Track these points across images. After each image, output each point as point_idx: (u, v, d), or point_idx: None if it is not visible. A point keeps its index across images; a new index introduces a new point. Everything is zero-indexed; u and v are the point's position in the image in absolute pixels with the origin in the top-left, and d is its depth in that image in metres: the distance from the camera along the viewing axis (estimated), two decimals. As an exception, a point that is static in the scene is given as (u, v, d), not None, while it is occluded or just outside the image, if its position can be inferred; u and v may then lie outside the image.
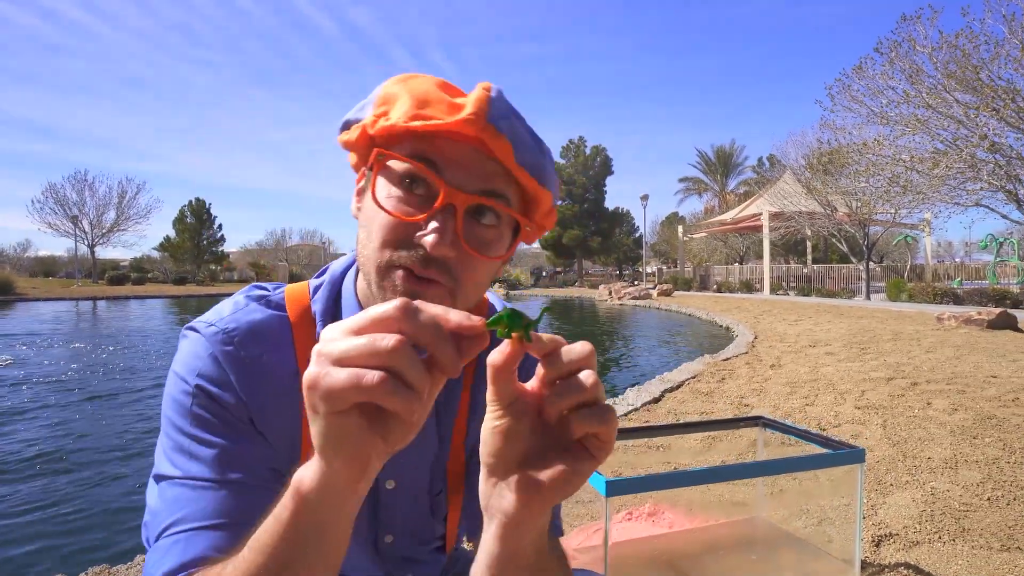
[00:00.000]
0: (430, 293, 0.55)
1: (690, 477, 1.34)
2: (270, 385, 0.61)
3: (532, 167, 0.57)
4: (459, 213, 0.54)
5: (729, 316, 12.69)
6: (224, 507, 0.55)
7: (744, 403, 4.45)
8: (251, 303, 0.65)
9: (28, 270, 48.68)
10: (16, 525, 2.93)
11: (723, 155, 43.18)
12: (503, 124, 0.54)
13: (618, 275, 45.25)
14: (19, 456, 4.03)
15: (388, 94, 0.57)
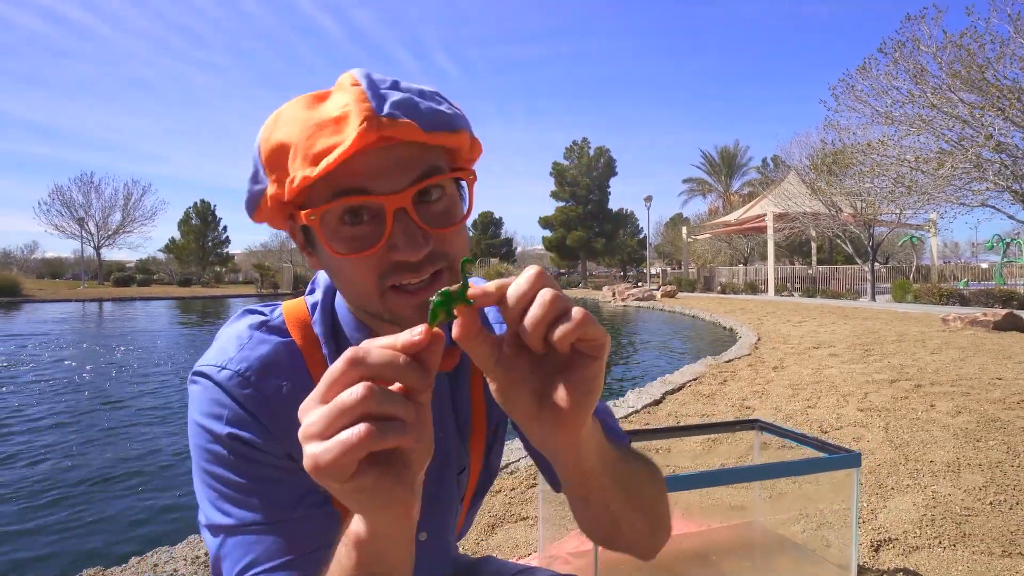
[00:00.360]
0: (434, 288, 0.55)
1: (683, 482, 1.33)
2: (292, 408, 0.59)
3: (440, 124, 0.55)
4: (410, 210, 0.54)
5: (733, 317, 12.65)
6: (287, 545, 0.58)
7: (746, 405, 4.43)
8: (254, 334, 0.63)
9: (35, 271, 49.01)
10: (12, 526, 2.94)
11: (727, 156, 43.07)
12: (392, 107, 0.52)
13: (622, 276, 45.20)
14: (18, 457, 4.04)
15: (272, 152, 0.55)
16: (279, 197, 0.55)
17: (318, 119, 0.52)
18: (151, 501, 3.31)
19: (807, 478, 2.40)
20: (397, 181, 0.53)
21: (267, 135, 0.55)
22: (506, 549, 2.14)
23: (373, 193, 0.53)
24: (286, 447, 0.60)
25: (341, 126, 0.51)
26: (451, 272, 0.58)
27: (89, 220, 39.35)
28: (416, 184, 0.54)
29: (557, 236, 43.03)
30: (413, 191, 0.54)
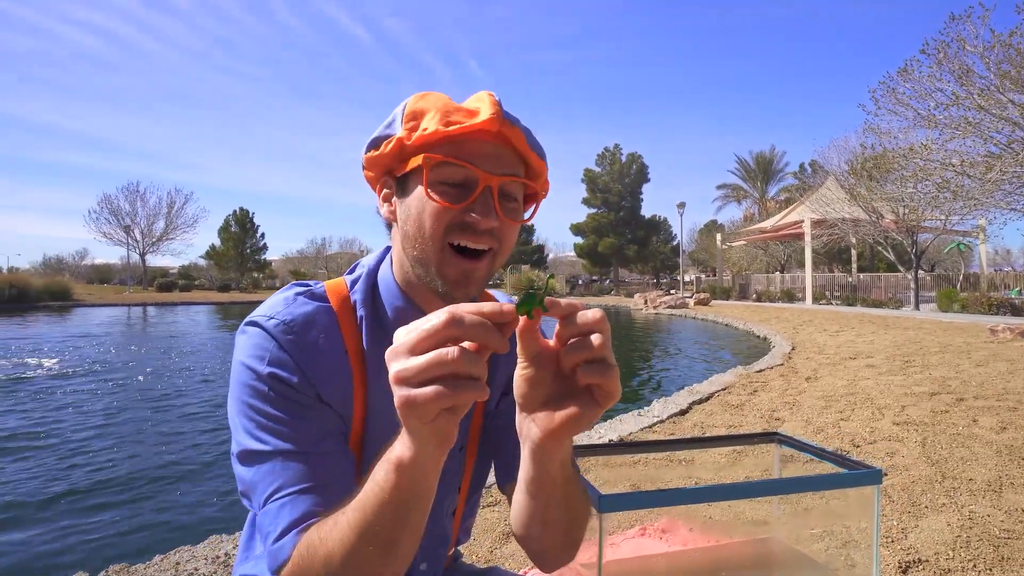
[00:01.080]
0: (482, 264, 0.70)
1: (691, 495, 1.29)
2: (327, 364, 0.71)
3: (538, 148, 0.72)
4: (495, 193, 0.67)
5: (767, 326, 12.36)
6: (313, 473, 0.66)
7: (775, 417, 4.31)
8: (299, 298, 0.74)
9: (85, 277, 51.13)
10: (43, 519, 3.05)
11: (763, 161, 42.18)
12: (513, 118, 0.68)
13: (655, 284, 44.65)
14: (60, 454, 4.20)
15: (415, 110, 0.69)
16: (404, 140, 0.68)
17: (456, 107, 0.68)
18: (177, 501, 3.40)
19: (835, 494, 2.31)
20: (495, 168, 0.68)
21: (414, 100, 0.70)
22: (519, 558, 2.12)
23: (478, 167, 0.67)
24: (316, 389, 0.69)
25: (474, 114, 0.67)
26: (492, 258, 0.71)
27: (135, 227, 40.89)
28: (508, 175, 0.69)
29: (589, 243, 42.80)
30: (505, 179, 0.68)
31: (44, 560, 2.66)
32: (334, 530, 0.59)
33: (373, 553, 0.57)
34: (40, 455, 4.21)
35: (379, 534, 0.56)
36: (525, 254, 51.78)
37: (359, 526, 0.56)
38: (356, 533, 0.57)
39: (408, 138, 0.68)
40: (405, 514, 0.56)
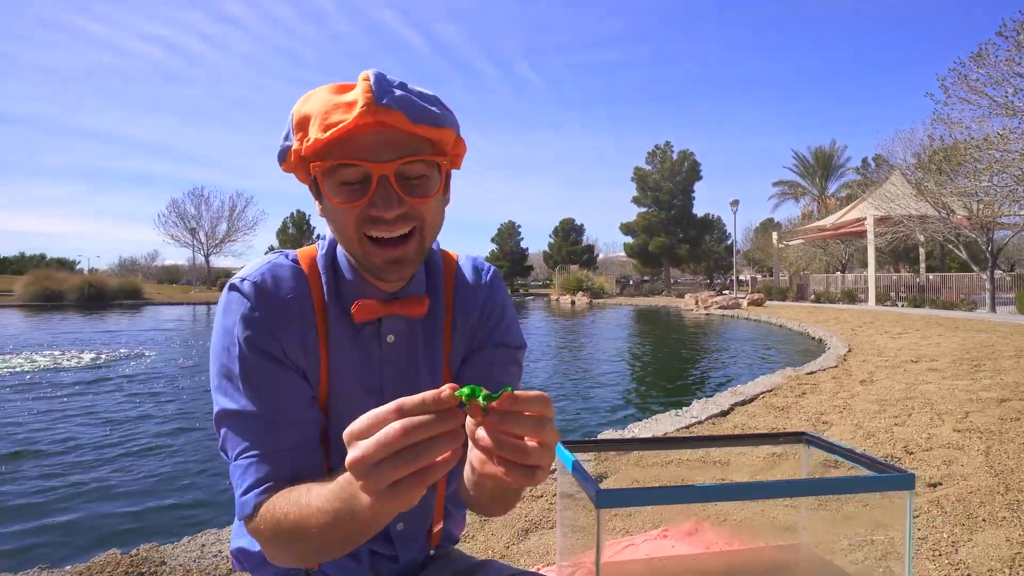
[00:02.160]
0: (408, 246, 0.72)
1: (693, 493, 1.22)
2: (293, 316, 0.75)
3: (427, 119, 0.69)
4: (391, 179, 0.69)
5: (823, 328, 11.82)
6: (278, 438, 0.72)
7: (823, 420, 4.10)
8: (276, 258, 0.80)
9: (156, 277, 54.09)
10: (81, 500, 3.21)
11: (822, 156, 40.34)
12: (389, 100, 0.67)
13: (708, 284, 43.53)
14: (93, 436, 4.43)
15: (300, 119, 0.70)
16: (299, 152, 0.71)
17: (335, 101, 0.68)
18: (210, 486, 3.52)
19: (867, 500, 2.17)
20: (385, 155, 0.69)
21: (299, 106, 0.71)
22: (536, 555, 2.08)
23: (366, 161, 0.68)
24: (283, 349, 0.74)
25: (351, 108, 0.67)
26: (420, 234, 0.73)
27: (200, 230, 42.94)
28: (398, 159, 0.69)
29: (639, 242, 42.13)
30: (395, 164, 0.69)
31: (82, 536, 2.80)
32: (293, 508, 0.65)
33: (313, 546, 0.65)
34: (94, 435, 4.45)
35: (323, 537, 0.63)
36: (575, 254, 51.45)
37: (309, 522, 0.63)
38: (304, 525, 0.64)
39: (300, 149, 0.70)
40: (353, 537, 0.62)
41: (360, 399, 0.78)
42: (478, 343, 0.86)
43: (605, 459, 3.15)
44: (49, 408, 5.58)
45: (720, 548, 1.98)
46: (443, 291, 0.85)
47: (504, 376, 0.86)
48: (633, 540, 2.17)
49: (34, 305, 23.22)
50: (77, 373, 7.56)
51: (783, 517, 2.33)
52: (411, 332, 0.81)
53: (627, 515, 2.46)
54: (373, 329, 0.79)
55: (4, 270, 45.92)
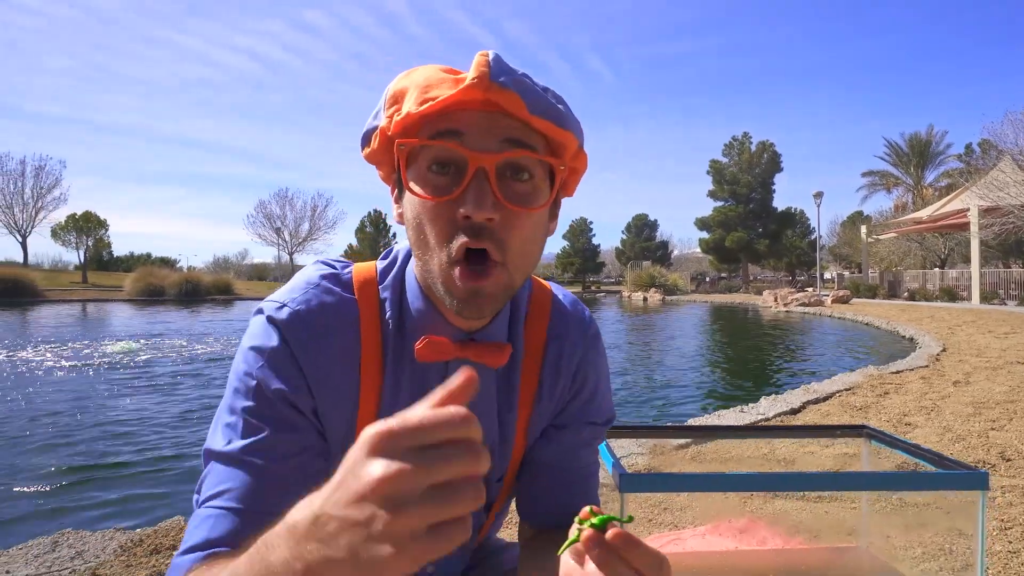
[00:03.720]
0: (490, 280, 0.56)
1: (724, 481, 1.14)
2: (333, 363, 0.62)
3: (547, 113, 0.56)
4: (491, 174, 0.55)
5: (916, 326, 10.96)
6: (256, 493, 0.57)
7: (906, 422, 3.79)
8: (322, 283, 0.64)
9: (245, 274, 57.63)
10: (156, 465, 3.45)
11: (918, 143, 37.24)
12: (507, 80, 0.54)
13: (789, 281, 41.42)
14: (192, 412, 4.75)
15: (395, 93, 0.58)
16: (386, 131, 0.59)
17: (441, 76, 0.56)
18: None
19: (942, 503, 1.97)
20: (490, 143, 0.55)
21: (398, 80, 0.59)
22: (577, 545, 2.04)
23: (465, 145, 0.55)
24: (312, 398, 0.61)
25: (458, 83, 0.54)
26: (506, 272, 0.58)
27: (284, 229, 45.39)
28: (505, 152, 0.55)
29: (715, 237, 40.67)
30: (500, 157, 0.55)
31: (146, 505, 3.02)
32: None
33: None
34: (174, 411, 4.79)
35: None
36: (648, 251, 50.40)
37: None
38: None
39: (389, 126, 0.58)
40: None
41: None
42: (568, 418, 0.73)
43: (661, 452, 3.05)
44: (148, 384, 6.06)
45: (774, 546, 1.87)
46: (526, 337, 0.71)
47: (588, 458, 0.75)
48: (680, 535, 2.09)
49: (140, 299, 25.33)
50: (170, 356, 8.18)
51: (844, 518, 2.18)
52: (486, 384, 0.67)
53: (678, 509, 2.37)
54: (438, 374, 0.65)
55: (117, 268, 50.34)
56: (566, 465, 0.73)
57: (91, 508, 3.01)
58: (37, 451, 3.96)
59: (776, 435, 2.25)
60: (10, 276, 24.31)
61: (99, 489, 3.28)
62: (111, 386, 6.28)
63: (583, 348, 0.73)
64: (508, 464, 0.72)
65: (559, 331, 0.72)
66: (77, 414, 4.99)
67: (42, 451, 3.95)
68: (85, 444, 4.12)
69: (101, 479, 3.44)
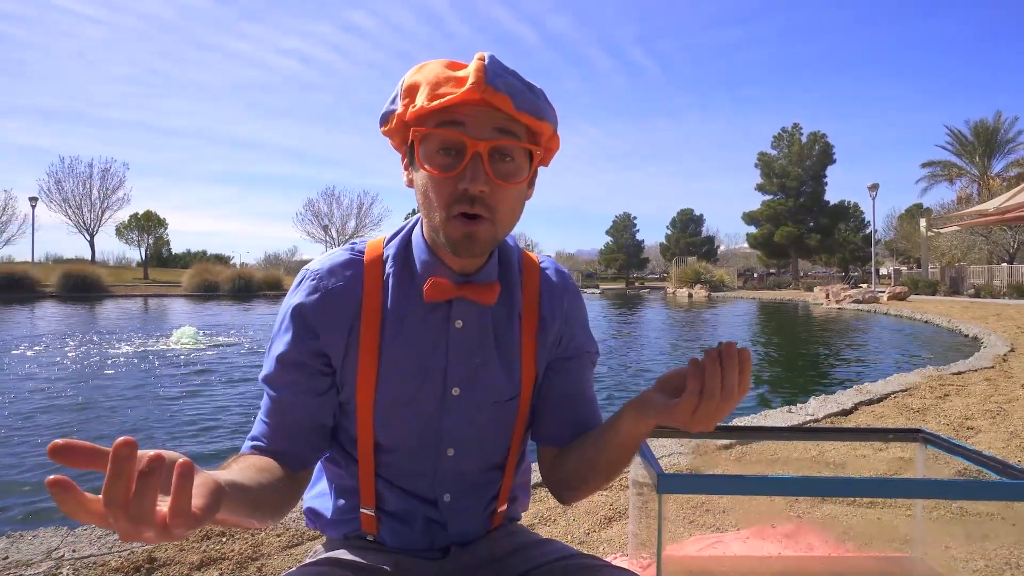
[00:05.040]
0: (481, 227, 0.73)
1: (766, 485, 1.10)
2: (337, 312, 0.80)
3: (528, 108, 0.73)
4: (484, 156, 0.71)
5: (980, 324, 10.40)
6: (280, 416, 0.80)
7: (968, 425, 3.60)
8: (339, 251, 0.84)
9: (295, 271, 58.93)
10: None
11: (984, 131, 35.04)
12: (499, 83, 0.70)
13: (842, 277, 39.89)
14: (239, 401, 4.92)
15: (409, 86, 0.74)
16: (402, 116, 0.74)
17: (447, 75, 0.72)
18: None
19: (1007, 512, 1.85)
20: (484, 133, 0.72)
21: (411, 74, 0.75)
22: (615, 544, 2.02)
23: (465, 134, 0.71)
24: (317, 341, 0.79)
25: (461, 84, 0.70)
26: (492, 226, 0.74)
27: (332, 227, 46.51)
28: (495, 140, 0.72)
29: (763, 232, 39.53)
30: (492, 144, 0.72)
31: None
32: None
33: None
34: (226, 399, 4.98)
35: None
36: (694, 246, 49.41)
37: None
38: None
39: (405, 114, 0.74)
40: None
41: (417, 382, 0.81)
42: (571, 351, 0.90)
43: (703, 453, 2.99)
44: (200, 371, 6.33)
45: (822, 553, 1.81)
46: (522, 286, 0.87)
47: (591, 382, 0.92)
48: (722, 537, 2.04)
49: (196, 295, 26.40)
50: (220, 350, 8.51)
51: (897, 526, 2.08)
52: (482, 320, 0.83)
53: (720, 511, 2.32)
54: (443, 313, 0.81)
55: (175, 264, 52.66)
56: (577, 390, 0.89)
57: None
58: (98, 435, 4.19)
59: (825, 437, 2.17)
60: (80, 272, 25.65)
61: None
62: (171, 377, 6.58)
63: (569, 298, 0.91)
64: (520, 387, 0.86)
65: (549, 284, 0.90)
66: (139, 402, 5.25)
67: (103, 435, 4.18)
68: (146, 431, 4.33)
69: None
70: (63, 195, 38.75)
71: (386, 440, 0.82)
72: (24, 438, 4.16)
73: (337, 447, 0.86)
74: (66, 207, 38.89)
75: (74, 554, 1.90)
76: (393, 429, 0.82)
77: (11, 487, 3.23)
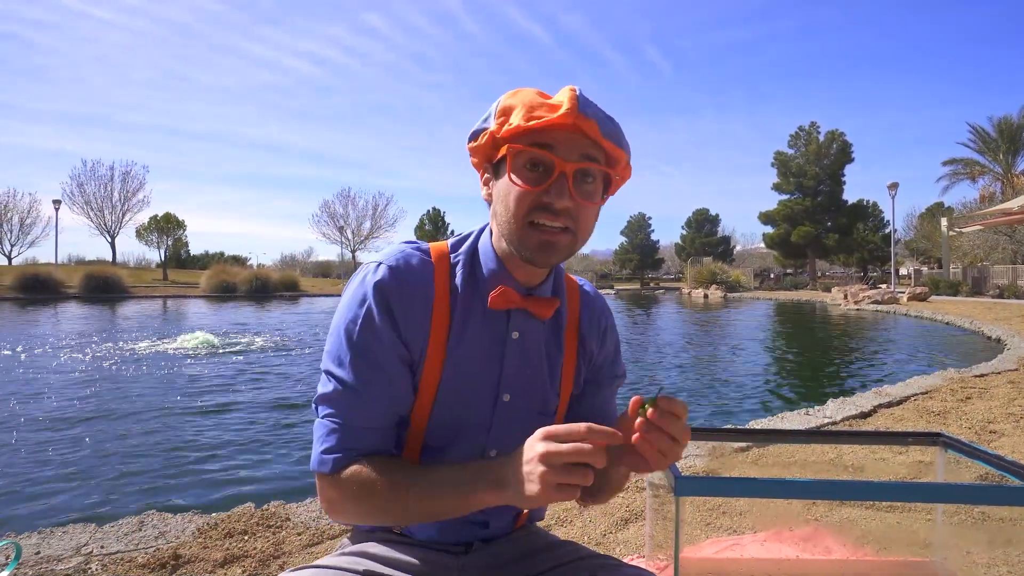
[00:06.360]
0: (562, 238, 0.79)
1: (784, 488, 1.11)
2: (415, 304, 0.82)
3: (611, 136, 0.79)
4: (570, 177, 0.77)
5: (1004, 326, 10.21)
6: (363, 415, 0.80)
7: (990, 429, 3.55)
8: (407, 248, 0.86)
9: (311, 272, 59.88)
10: (224, 456, 3.63)
11: (1008, 128, 34.33)
12: (588, 111, 0.77)
13: (861, 277, 39.33)
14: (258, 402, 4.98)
15: (505, 107, 0.79)
16: (495, 133, 0.79)
17: (541, 101, 0.78)
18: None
19: None
20: (572, 156, 0.78)
21: (506, 97, 0.81)
22: (632, 545, 2.03)
23: (555, 155, 0.77)
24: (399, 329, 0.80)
25: (555, 109, 0.76)
26: (572, 237, 0.80)
27: (347, 228, 46.87)
28: (581, 163, 0.78)
29: (780, 232, 39.15)
30: (579, 166, 0.78)
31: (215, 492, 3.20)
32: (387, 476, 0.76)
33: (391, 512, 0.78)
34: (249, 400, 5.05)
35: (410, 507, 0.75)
36: (709, 246, 49.02)
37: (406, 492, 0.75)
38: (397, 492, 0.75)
39: (498, 131, 0.79)
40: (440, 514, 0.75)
41: (474, 386, 0.84)
42: (602, 376, 0.96)
43: (719, 455, 2.99)
44: (217, 372, 6.43)
45: (840, 556, 1.80)
46: (567, 305, 0.93)
47: (613, 403, 0.99)
48: (740, 540, 2.04)
49: (214, 296, 26.75)
50: (237, 349, 8.63)
51: (917, 530, 2.06)
52: (536, 333, 0.88)
53: (737, 514, 2.31)
54: (502, 322, 0.85)
55: (193, 265, 53.37)
56: (607, 410, 0.97)
57: (173, 492, 3.22)
58: (124, 436, 4.27)
59: (843, 440, 2.16)
60: (101, 274, 26.13)
61: (180, 475, 3.51)
62: (192, 379, 6.68)
63: (605, 320, 0.97)
64: (559, 401, 0.91)
65: (587, 304, 0.96)
66: (163, 404, 5.35)
67: (129, 436, 4.26)
68: (170, 432, 4.41)
69: (183, 464, 3.68)
70: (85, 198, 39.62)
71: (434, 440, 0.84)
72: (54, 437, 4.25)
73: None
74: (88, 209, 39.74)
75: (102, 550, 1.95)
76: (443, 430, 0.84)
77: (43, 485, 3.31)
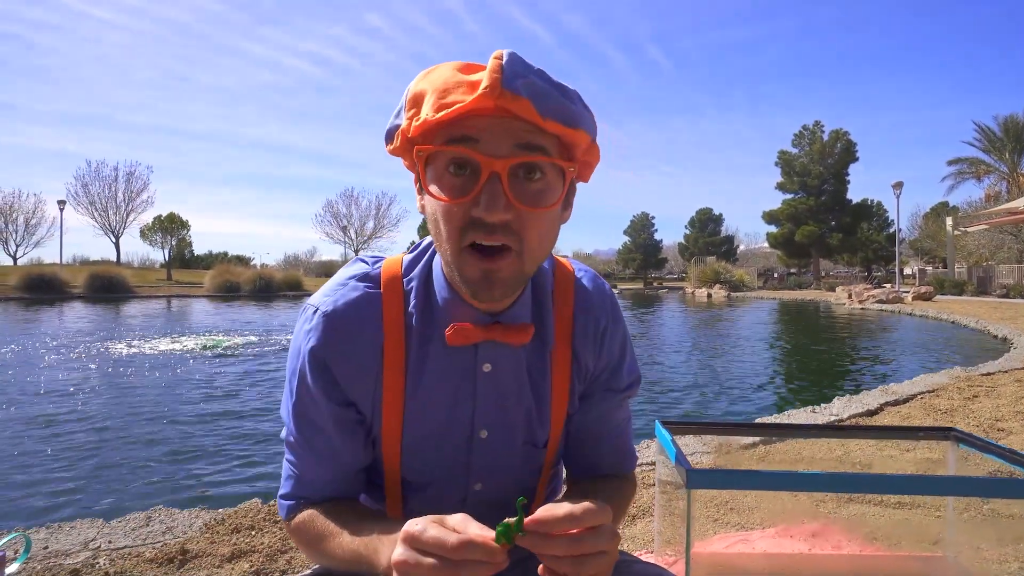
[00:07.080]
0: (503, 263, 0.61)
1: (794, 480, 1.10)
2: (357, 352, 0.69)
3: (558, 113, 0.59)
4: (504, 178, 0.58)
5: (1010, 325, 10.16)
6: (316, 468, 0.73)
7: (999, 427, 3.53)
8: (351, 282, 0.72)
9: (314, 271, 59.93)
10: (224, 454, 3.64)
11: (1014, 126, 34.20)
12: (519, 84, 0.56)
13: (865, 277, 39.23)
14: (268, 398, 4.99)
15: (415, 95, 0.62)
16: (406, 132, 0.62)
17: (458, 80, 0.59)
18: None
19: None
20: (502, 148, 0.59)
21: (416, 81, 0.62)
22: (640, 541, 2.02)
23: (479, 151, 0.58)
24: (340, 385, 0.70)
25: (472, 89, 0.57)
26: (519, 258, 0.62)
27: (350, 228, 46.99)
28: (517, 157, 0.59)
29: (783, 231, 39.10)
30: (512, 162, 0.59)
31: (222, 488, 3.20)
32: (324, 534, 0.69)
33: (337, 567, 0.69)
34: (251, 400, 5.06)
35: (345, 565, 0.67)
36: (713, 246, 48.99)
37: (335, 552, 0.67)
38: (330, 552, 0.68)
39: (408, 128, 0.61)
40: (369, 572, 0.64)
41: (443, 429, 0.73)
42: (599, 387, 0.80)
43: (726, 452, 2.98)
44: (227, 372, 6.44)
45: (850, 552, 1.79)
46: (554, 313, 0.76)
47: (620, 416, 0.84)
48: (748, 535, 2.04)
49: (217, 295, 26.81)
50: (240, 349, 8.65)
51: (927, 525, 2.05)
52: (515, 361, 0.73)
53: (746, 510, 2.30)
54: (469, 356, 0.71)
55: (197, 265, 53.55)
56: (600, 429, 0.82)
57: (180, 488, 3.23)
58: (132, 434, 4.28)
59: (852, 435, 2.16)
60: (106, 274, 26.20)
61: (187, 471, 3.51)
62: (198, 377, 6.70)
63: (606, 319, 0.79)
64: (549, 430, 0.78)
65: (584, 305, 0.78)
66: (169, 402, 5.36)
67: (136, 434, 4.27)
68: (177, 428, 4.42)
69: (189, 460, 3.69)
70: (90, 198, 39.82)
71: (412, 476, 0.76)
72: (61, 433, 4.27)
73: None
74: (92, 210, 39.95)
75: (110, 545, 1.95)
76: (419, 467, 0.75)
77: (50, 481, 3.32)
